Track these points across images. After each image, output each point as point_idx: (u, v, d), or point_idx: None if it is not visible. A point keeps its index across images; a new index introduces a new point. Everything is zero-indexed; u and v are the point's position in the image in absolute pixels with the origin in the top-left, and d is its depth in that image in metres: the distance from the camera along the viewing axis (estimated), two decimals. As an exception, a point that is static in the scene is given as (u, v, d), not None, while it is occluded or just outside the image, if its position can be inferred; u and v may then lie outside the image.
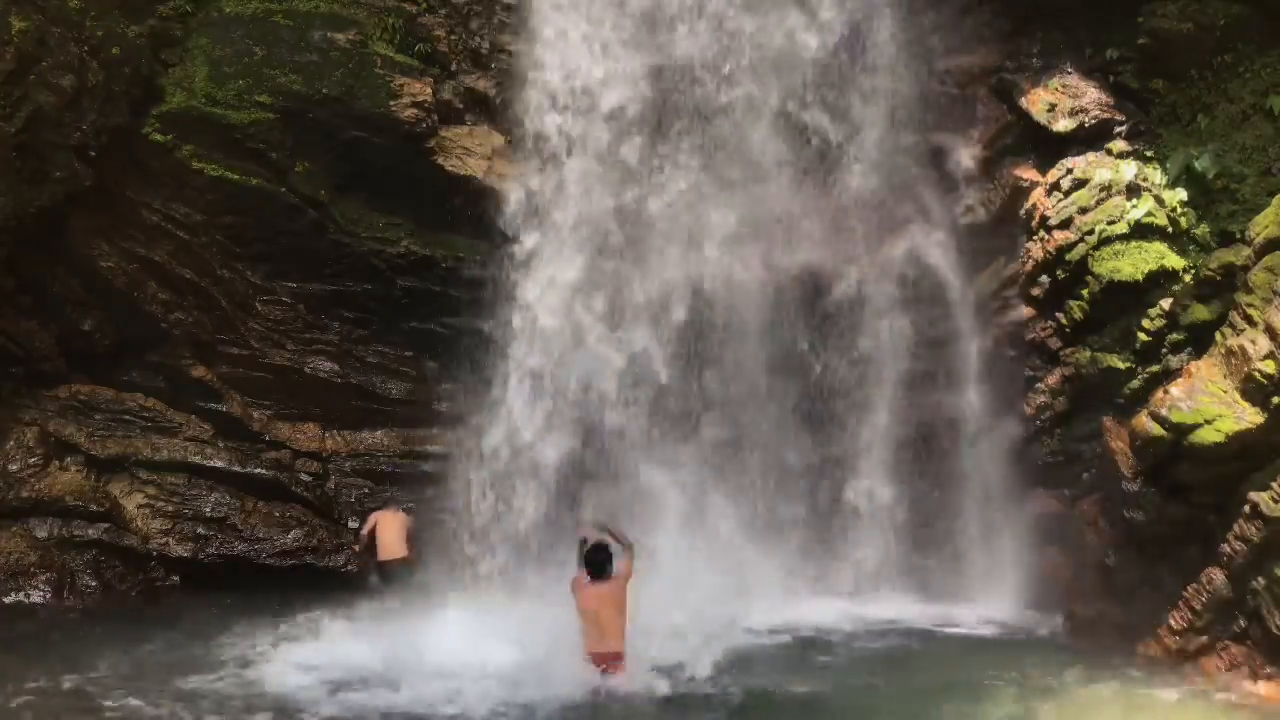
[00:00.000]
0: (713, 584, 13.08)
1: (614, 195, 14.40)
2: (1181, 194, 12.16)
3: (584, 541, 10.76)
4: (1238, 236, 11.41)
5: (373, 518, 14.42)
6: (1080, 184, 12.86)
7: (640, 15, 14.45)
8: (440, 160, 14.47)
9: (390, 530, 14.20)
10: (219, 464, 14.75)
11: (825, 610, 13.28)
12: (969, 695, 10.16)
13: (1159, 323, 11.95)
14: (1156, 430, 11.02)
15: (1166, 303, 11.90)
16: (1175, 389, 10.95)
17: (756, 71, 14.42)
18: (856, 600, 13.80)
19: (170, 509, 14.49)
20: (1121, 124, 13.06)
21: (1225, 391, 10.57)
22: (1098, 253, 12.42)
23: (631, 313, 14.34)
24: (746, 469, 14.57)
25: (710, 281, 14.41)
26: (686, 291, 14.35)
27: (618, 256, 14.43)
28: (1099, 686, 10.44)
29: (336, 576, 14.68)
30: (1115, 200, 12.49)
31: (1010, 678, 10.71)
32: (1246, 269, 10.86)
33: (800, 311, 14.63)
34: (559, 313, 14.26)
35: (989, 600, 13.69)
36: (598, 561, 10.43)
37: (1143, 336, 12.08)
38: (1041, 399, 13.39)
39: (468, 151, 14.55)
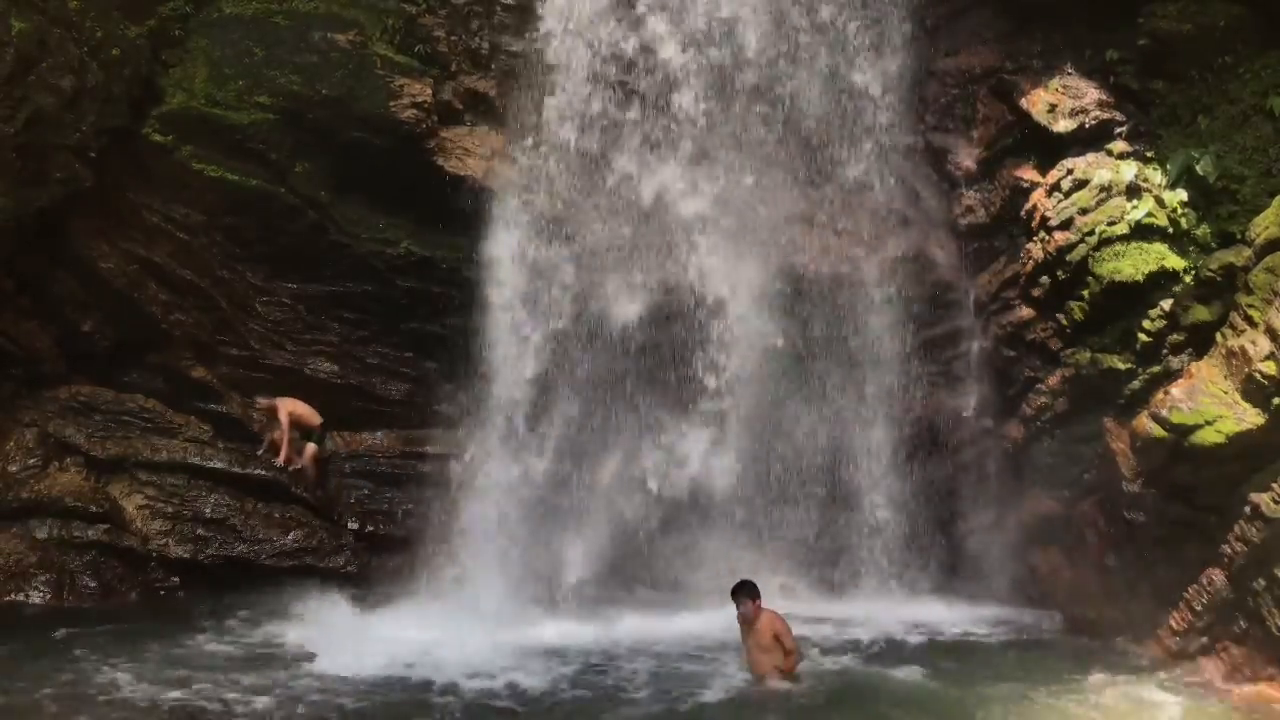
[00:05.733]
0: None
1: (611, 192, 14.42)
2: (1182, 195, 12.15)
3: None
4: (1238, 237, 11.39)
5: (279, 403, 15.12)
6: (1080, 185, 12.85)
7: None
8: (440, 161, 14.49)
9: (302, 406, 15.17)
10: (219, 465, 14.74)
11: (823, 610, 13.26)
12: (967, 696, 10.16)
13: (1159, 323, 11.94)
14: (1157, 431, 11.02)
15: (1167, 303, 11.89)
16: (1176, 390, 10.95)
17: (757, 71, 14.42)
18: (854, 600, 13.80)
19: (170, 510, 14.47)
20: (1122, 125, 13.05)
21: (1226, 392, 10.57)
22: (1098, 253, 12.41)
23: (630, 313, 14.33)
24: (746, 468, 14.57)
25: (710, 281, 14.41)
26: (687, 292, 14.35)
27: (612, 256, 14.45)
28: (1099, 687, 10.43)
29: (337, 577, 14.66)
30: (1115, 201, 12.48)
31: (1009, 679, 10.70)
32: (1247, 270, 10.86)
33: (800, 311, 14.62)
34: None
35: (988, 601, 13.70)
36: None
37: (1143, 337, 12.06)
38: (1041, 399, 13.39)
39: (468, 152, 14.56)
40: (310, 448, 15.23)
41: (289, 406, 15.11)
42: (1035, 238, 13.22)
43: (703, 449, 14.27)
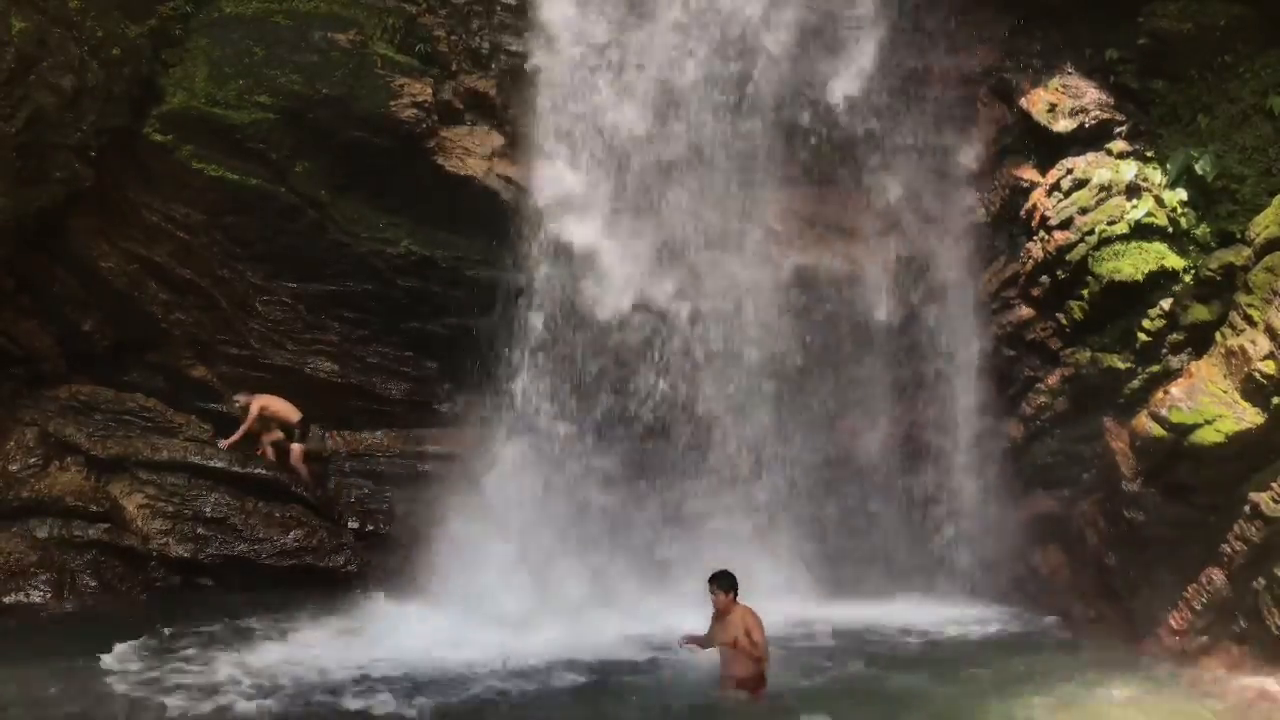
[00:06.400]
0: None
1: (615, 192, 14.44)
2: (1181, 194, 12.16)
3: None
4: (1238, 237, 11.41)
5: (255, 399, 14.98)
6: (1080, 184, 12.86)
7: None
8: (440, 160, 14.48)
9: (279, 402, 15.08)
10: (219, 464, 14.74)
11: (824, 611, 13.26)
12: (966, 696, 10.16)
13: (1159, 323, 11.95)
14: (1157, 430, 11.03)
15: (1166, 303, 11.90)
16: (1175, 389, 10.97)
17: (758, 72, 14.42)
18: (853, 600, 13.78)
19: (170, 509, 14.47)
20: (1122, 124, 13.06)
21: (1225, 392, 10.59)
22: (1098, 253, 12.42)
23: (631, 315, 14.34)
24: (747, 470, 14.57)
25: (711, 281, 14.41)
26: (687, 292, 14.36)
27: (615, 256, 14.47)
28: (1099, 687, 10.43)
29: (337, 576, 14.67)
30: (1115, 200, 12.49)
31: (1009, 679, 10.69)
32: (1246, 269, 10.88)
33: (800, 311, 14.62)
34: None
35: (988, 601, 13.69)
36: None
37: (1143, 337, 12.07)
38: (1041, 399, 13.39)
39: (468, 152, 14.57)
40: (297, 447, 15.16)
41: (262, 401, 15.06)
42: (1035, 237, 13.23)
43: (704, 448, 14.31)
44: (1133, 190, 12.44)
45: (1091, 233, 12.52)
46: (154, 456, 14.59)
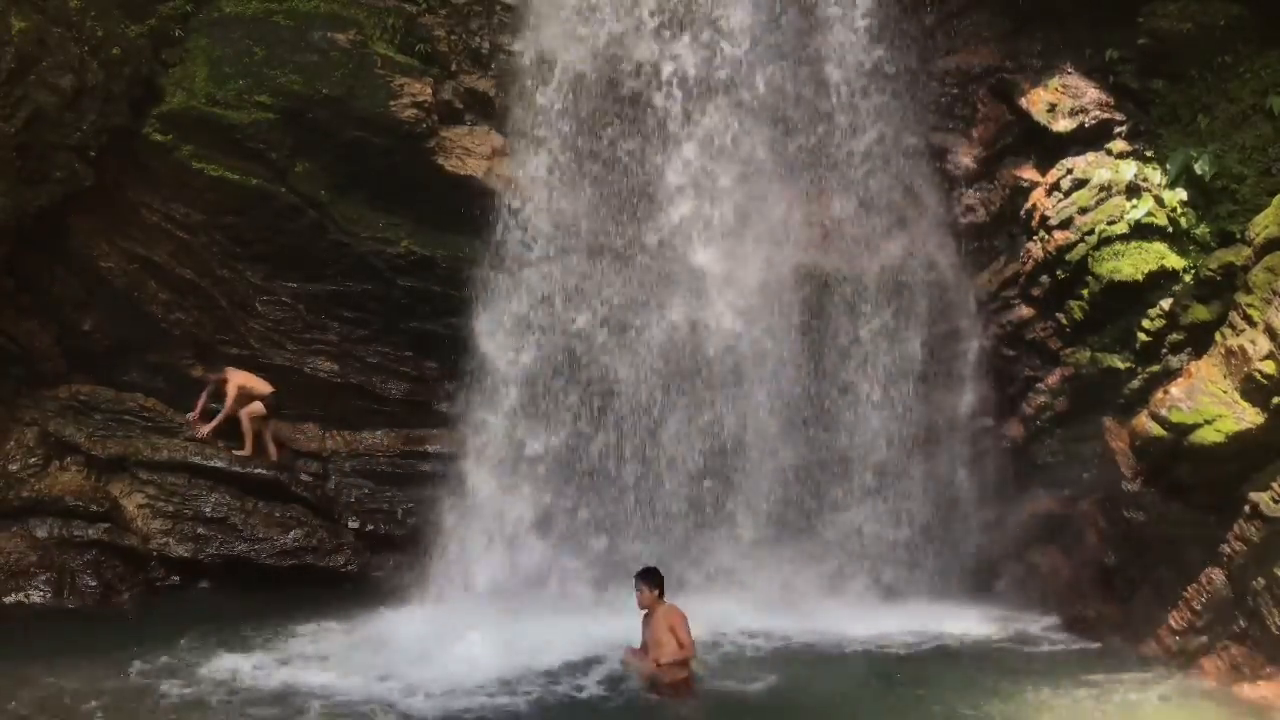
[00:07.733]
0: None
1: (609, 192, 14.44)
2: (1181, 194, 12.15)
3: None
4: (1238, 236, 11.40)
5: (228, 375, 14.86)
6: (1080, 184, 12.85)
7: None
8: (440, 160, 14.48)
9: (252, 377, 14.93)
10: (219, 464, 14.74)
11: (824, 614, 13.25)
12: (968, 697, 10.16)
13: (1159, 323, 11.95)
14: (1156, 430, 11.03)
15: (1166, 303, 11.89)
16: (1175, 389, 10.96)
17: (758, 71, 14.43)
18: (854, 603, 13.78)
19: (170, 509, 14.48)
20: (1121, 124, 13.05)
21: (1225, 392, 10.58)
22: (1098, 253, 12.42)
23: (630, 315, 14.34)
24: (744, 469, 14.56)
25: (709, 281, 14.41)
26: (684, 292, 14.36)
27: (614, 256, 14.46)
28: (1099, 687, 10.43)
29: (337, 576, 14.68)
30: (1115, 200, 12.49)
31: (1008, 679, 10.70)
32: (1246, 269, 10.87)
33: (799, 311, 14.61)
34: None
35: (988, 601, 13.68)
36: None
37: (1143, 336, 12.07)
38: (1041, 399, 13.39)
39: (468, 151, 14.56)
40: (248, 409, 14.94)
41: (239, 379, 14.89)
42: (1035, 237, 13.23)
43: (703, 449, 14.30)
44: (1133, 190, 12.43)
45: (1091, 233, 12.52)
46: (154, 456, 14.60)
